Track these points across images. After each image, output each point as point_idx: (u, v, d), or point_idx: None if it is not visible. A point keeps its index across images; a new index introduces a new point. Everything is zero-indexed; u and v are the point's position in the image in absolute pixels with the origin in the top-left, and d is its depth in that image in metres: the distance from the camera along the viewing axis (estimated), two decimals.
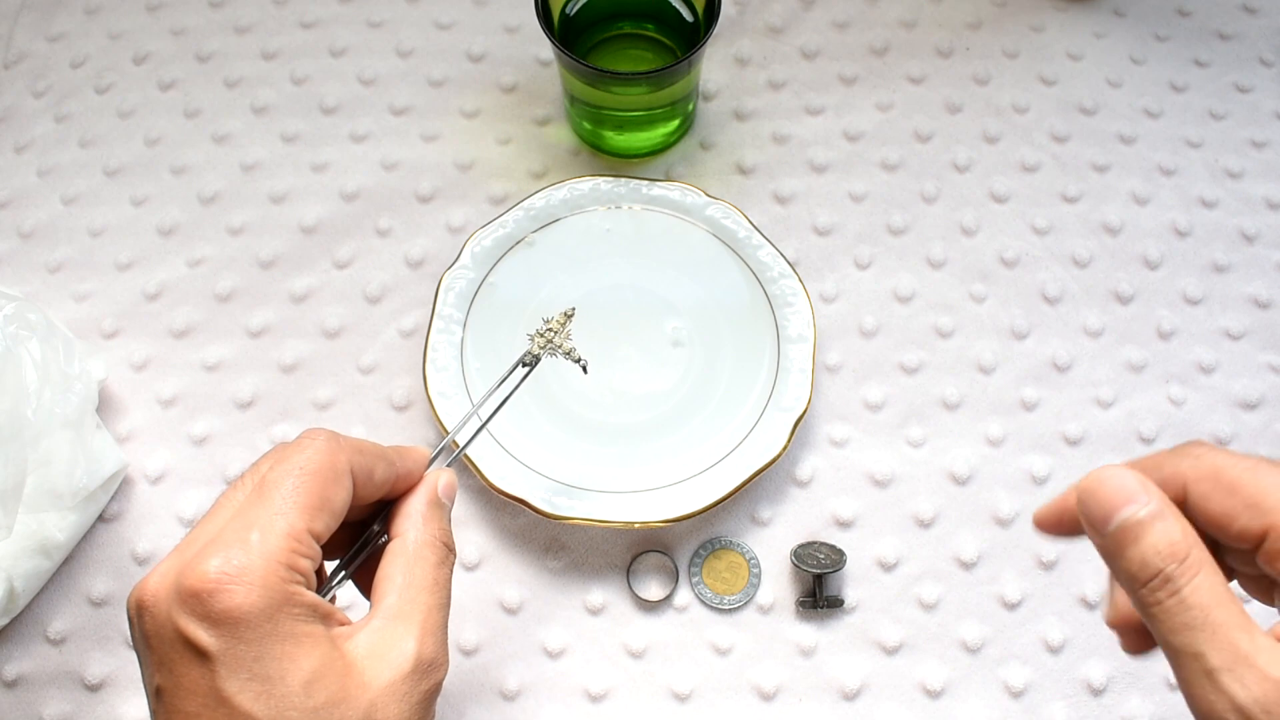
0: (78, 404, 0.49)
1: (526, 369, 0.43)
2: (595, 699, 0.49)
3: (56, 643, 0.49)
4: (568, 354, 0.44)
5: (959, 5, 0.64)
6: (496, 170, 0.60)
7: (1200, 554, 0.27)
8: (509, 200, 0.59)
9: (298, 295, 0.57)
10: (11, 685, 0.49)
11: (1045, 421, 0.54)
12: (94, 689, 0.49)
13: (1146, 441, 0.53)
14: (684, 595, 0.50)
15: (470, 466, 0.50)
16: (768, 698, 0.49)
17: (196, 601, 0.30)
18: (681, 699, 0.49)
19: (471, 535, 0.51)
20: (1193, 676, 0.27)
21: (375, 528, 0.37)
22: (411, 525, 0.36)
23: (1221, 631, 0.26)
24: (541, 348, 0.44)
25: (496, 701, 0.49)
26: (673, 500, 0.50)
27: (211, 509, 0.33)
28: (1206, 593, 0.27)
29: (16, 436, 0.46)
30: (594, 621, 0.50)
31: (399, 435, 0.54)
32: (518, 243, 0.55)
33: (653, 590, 0.51)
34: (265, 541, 0.31)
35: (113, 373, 0.55)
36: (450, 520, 0.38)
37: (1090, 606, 0.50)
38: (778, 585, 0.50)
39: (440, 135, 0.61)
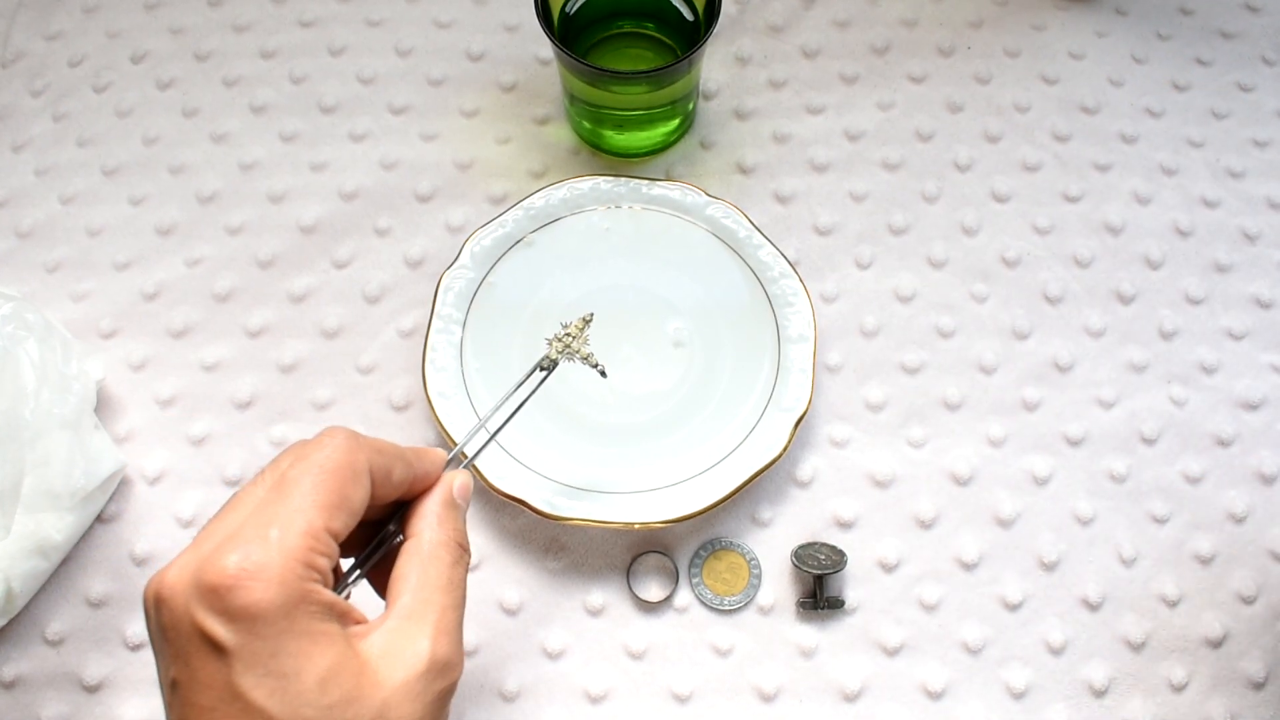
0: (75, 404, 0.49)
1: (544, 373, 0.44)
2: (595, 700, 0.48)
3: (54, 644, 0.49)
4: (585, 359, 0.45)
5: (960, 4, 0.64)
6: (496, 170, 0.59)
7: None
8: (509, 200, 0.58)
9: (297, 295, 0.57)
10: (10, 686, 0.49)
11: (1046, 422, 0.53)
12: (92, 690, 0.49)
13: (1148, 442, 0.53)
14: (684, 596, 0.50)
15: (470, 467, 0.50)
16: (768, 699, 0.48)
17: (215, 596, 0.30)
18: (682, 700, 0.48)
19: (471, 536, 0.51)
20: None
21: (391, 527, 0.37)
22: (427, 525, 0.36)
23: None
24: (560, 352, 0.44)
25: (496, 702, 0.48)
26: (673, 501, 0.49)
27: (230, 503, 0.34)
28: None
29: (14, 437, 0.46)
30: (594, 622, 0.50)
31: (398, 435, 0.53)
32: (517, 242, 0.55)
33: (653, 591, 0.50)
34: (284, 539, 0.31)
35: (111, 373, 0.55)
36: (465, 521, 0.38)
37: (1092, 607, 0.50)
38: (778, 586, 0.50)
39: (440, 135, 0.61)
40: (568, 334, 0.45)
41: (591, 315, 0.45)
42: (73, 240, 0.58)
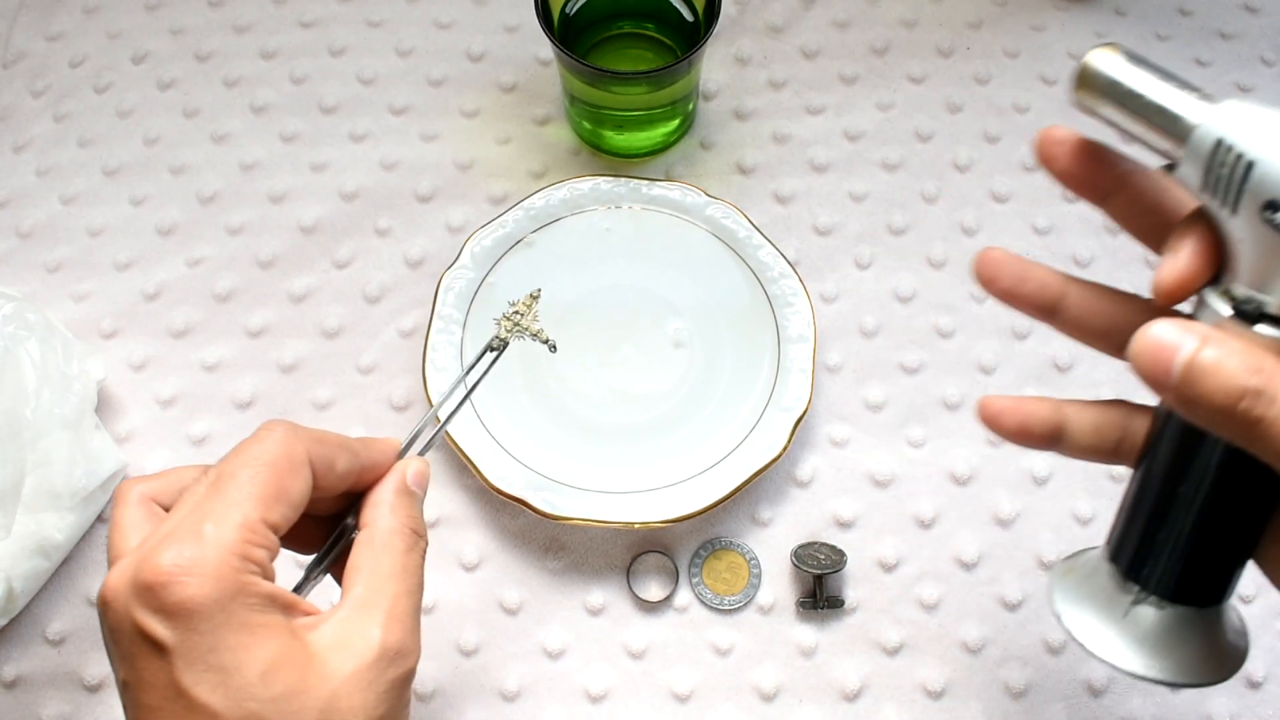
0: (76, 404, 0.49)
1: (495, 354, 0.43)
2: (595, 700, 0.49)
3: (55, 643, 0.49)
4: (535, 335, 0.44)
5: (960, 4, 0.64)
6: (496, 170, 0.60)
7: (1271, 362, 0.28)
8: (509, 200, 0.59)
9: (297, 295, 0.57)
10: (10, 686, 0.49)
11: None
12: (93, 689, 0.49)
13: None
14: (684, 596, 0.50)
15: (470, 467, 0.50)
16: (768, 699, 0.49)
17: (151, 595, 0.30)
18: (681, 700, 0.49)
19: (471, 535, 0.51)
20: None
21: (349, 520, 0.37)
22: (379, 514, 0.36)
23: None
24: (509, 331, 0.43)
25: (496, 702, 0.48)
26: (673, 500, 0.50)
27: (174, 506, 0.33)
28: None
29: (15, 437, 0.46)
30: (594, 622, 0.50)
31: (399, 435, 0.53)
32: (517, 243, 0.55)
33: (653, 591, 0.50)
34: (219, 533, 0.31)
35: (111, 373, 0.55)
36: (422, 508, 0.37)
37: None
38: (778, 586, 0.50)
39: (440, 135, 0.61)
40: (516, 311, 0.44)
41: (539, 290, 0.44)
42: (74, 240, 0.58)
